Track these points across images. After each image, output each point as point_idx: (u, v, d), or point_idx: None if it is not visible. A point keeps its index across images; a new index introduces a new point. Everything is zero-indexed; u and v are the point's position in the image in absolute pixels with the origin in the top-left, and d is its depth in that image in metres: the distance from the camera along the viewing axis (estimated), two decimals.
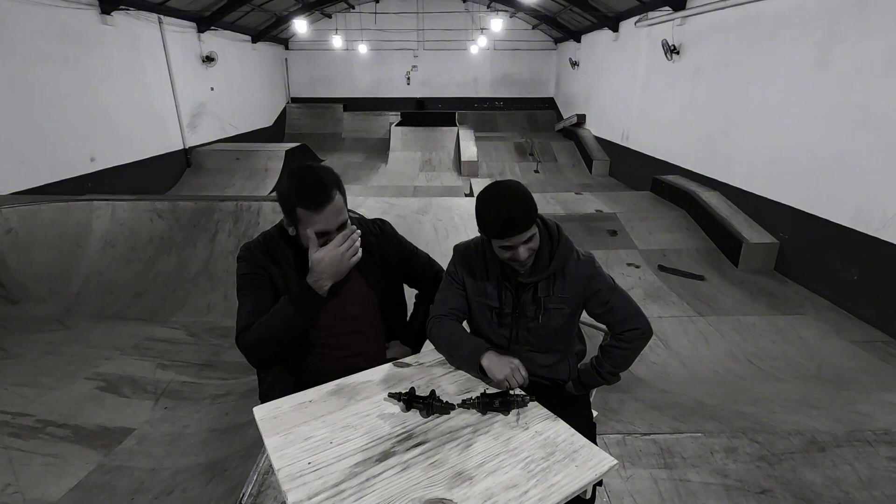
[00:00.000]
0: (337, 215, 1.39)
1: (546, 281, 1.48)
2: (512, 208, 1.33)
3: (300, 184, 1.36)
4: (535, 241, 1.40)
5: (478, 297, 1.55)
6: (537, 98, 15.77)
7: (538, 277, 1.47)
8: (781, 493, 1.90)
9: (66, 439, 2.48)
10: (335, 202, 1.37)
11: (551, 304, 1.49)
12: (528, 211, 1.34)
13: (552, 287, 1.48)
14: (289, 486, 1.02)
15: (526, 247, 1.38)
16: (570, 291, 1.49)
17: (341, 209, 1.40)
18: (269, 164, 9.59)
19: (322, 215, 1.36)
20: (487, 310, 1.55)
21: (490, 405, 1.25)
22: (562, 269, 1.48)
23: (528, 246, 1.38)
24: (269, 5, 11.20)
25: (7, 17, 5.76)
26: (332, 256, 1.40)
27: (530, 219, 1.35)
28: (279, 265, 1.50)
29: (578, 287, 1.49)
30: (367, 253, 1.56)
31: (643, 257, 5.42)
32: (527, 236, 1.36)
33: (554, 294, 1.48)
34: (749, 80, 5.76)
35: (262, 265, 1.50)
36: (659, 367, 3.59)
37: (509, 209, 1.33)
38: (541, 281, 1.47)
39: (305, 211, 1.36)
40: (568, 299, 1.49)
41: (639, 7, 8.53)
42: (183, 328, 3.77)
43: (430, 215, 4.41)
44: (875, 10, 4.10)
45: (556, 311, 1.50)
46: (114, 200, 4.65)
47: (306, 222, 1.37)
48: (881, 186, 4.04)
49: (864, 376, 3.38)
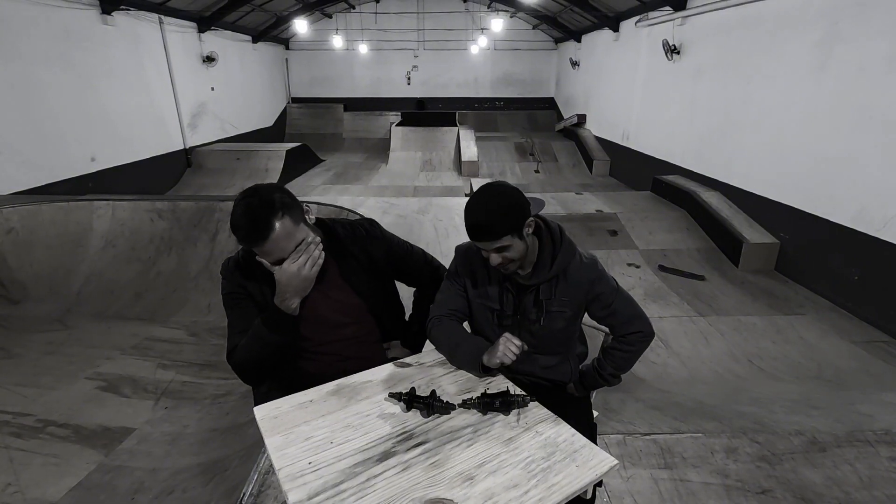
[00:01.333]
0: (283, 242, 1.33)
1: (548, 283, 1.46)
2: (480, 214, 1.31)
3: (239, 219, 1.30)
4: (513, 250, 1.34)
5: (479, 299, 1.54)
6: (538, 98, 15.77)
7: (540, 280, 1.45)
8: (782, 494, 1.90)
9: (67, 439, 2.48)
10: (275, 233, 1.30)
11: (553, 306, 1.47)
12: (497, 220, 1.29)
13: (554, 290, 1.46)
14: (289, 486, 1.02)
15: (496, 255, 1.34)
16: (572, 294, 1.47)
17: (288, 235, 1.33)
18: (269, 164, 9.61)
19: (264, 250, 1.32)
20: (488, 311, 1.53)
21: (491, 405, 1.25)
22: (564, 272, 1.45)
23: (502, 254, 1.34)
24: (270, 5, 11.20)
25: (8, 18, 5.77)
26: (288, 274, 1.36)
27: (498, 227, 1.29)
28: (257, 280, 1.47)
29: (581, 290, 1.47)
30: (350, 258, 1.54)
31: (644, 257, 5.42)
32: (496, 245, 1.32)
33: (556, 297, 1.46)
34: (750, 80, 5.76)
35: (239, 283, 1.48)
36: (659, 367, 3.59)
37: (477, 214, 1.31)
38: (542, 283, 1.46)
39: (249, 246, 1.35)
40: (570, 302, 1.48)
41: (639, 7, 8.53)
42: (183, 328, 3.77)
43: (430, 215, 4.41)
44: (876, 10, 4.10)
45: (557, 314, 1.48)
46: (114, 200, 4.65)
47: (258, 253, 1.35)
48: (882, 186, 4.04)
49: (864, 376, 3.38)
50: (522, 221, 1.34)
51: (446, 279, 1.61)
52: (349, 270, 1.55)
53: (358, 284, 1.56)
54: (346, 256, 1.54)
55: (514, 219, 1.32)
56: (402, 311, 1.75)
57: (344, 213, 4.18)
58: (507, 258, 1.35)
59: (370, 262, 1.58)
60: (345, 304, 1.55)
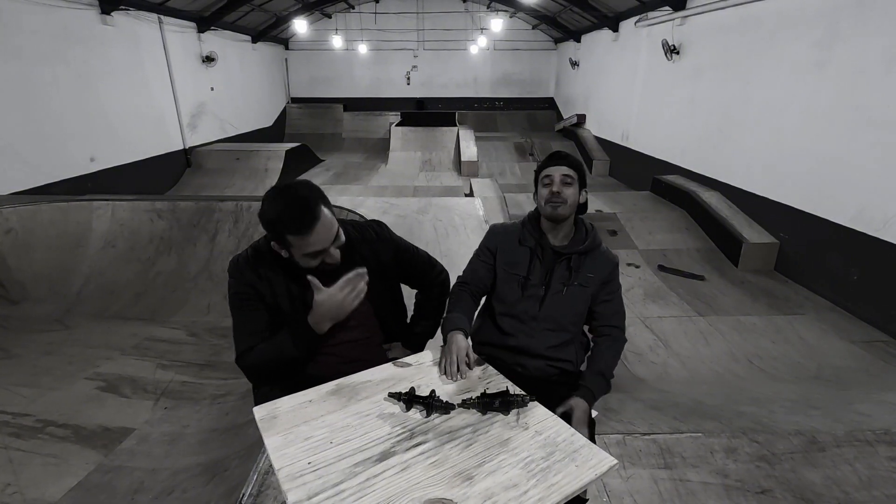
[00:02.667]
0: (328, 231, 1.33)
1: (579, 256, 1.59)
2: (563, 151, 1.66)
3: (284, 209, 1.30)
4: (571, 191, 1.55)
5: (506, 267, 1.64)
6: (537, 98, 15.78)
7: (574, 249, 1.58)
8: (781, 494, 1.90)
9: (67, 439, 2.47)
10: (323, 219, 1.31)
11: (578, 279, 1.58)
12: (573, 156, 1.62)
13: (584, 262, 1.59)
14: (289, 486, 1.02)
15: (560, 182, 1.55)
16: (598, 271, 1.59)
17: (331, 223, 1.35)
18: (269, 165, 9.60)
19: (314, 237, 1.31)
20: (514, 280, 1.62)
21: (490, 405, 1.25)
22: (596, 249, 1.60)
23: (562, 185, 1.55)
24: (269, 5, 11.20)
25: (7, 18, 5.77)
26: (334, 301, 1.36)
27: (574, 161, 1.60)
28: (268, 281, 1.46)
29: (605, 270, 1.60)
30: (359, 260, 1.53)
31: (643, 257, 5.42)
32: (564, 171, 1.56)
33: (583, 270, 1.58)
34: (749, 79, 5.76)
35: (250, 283, 1.45)
36: (659, 366, 3.59)
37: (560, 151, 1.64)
38: (575, 255, 1.58)
39: (297, 237, 1.31)
40: (594, 279, 1.59)
41: (639, 7, 8.53)
42: (183, 328, 3.77)
43: (430, 215, 4.40)
44: (875, 10, 4.10)
45: (580, 290, 1.59)
46: (114, 200, 4.64)
47: (299, 246, 1.33)
48: (881, 186, 4.04)
49: (864, 376, 3.38)
50: (584, 180, 1.61)
51: (475, 255, 1.72)
52: None
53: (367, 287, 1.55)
54: (354, 259, 1.51)
55: (583, 169, 1.61)
56: (405, 314, 1.75)
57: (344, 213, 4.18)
58: (564, 194, 1.53)
59: (378, 265, 1.57)
60: None
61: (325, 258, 1.39)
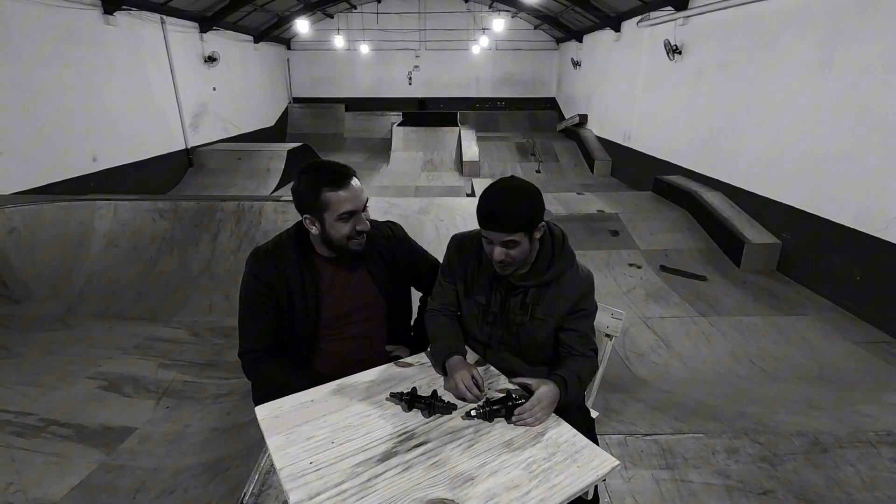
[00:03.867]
0: (361, 193, 1.44)
1: (538, 289, 1.42)
2: (499, 203, 1.29)
3: (320, 170, 1.41)
4: (519, 250, 1.32)
5: (467, 292, 1.53)
6: (539, 98, 15.76)
7: (531, 283, 1.42)
8: (783, 494, 1.90)
9: (69, 438, 2.48)
10: (357, 180, 1.44)
11: (538, 313, 1.43)
12: (515, 214, 1.28)
13: (543, 296, 1.43)
14: (290, 486, 1.02)
15: (502, 249, 1.31)
16: (559, 305, 1.42)
17: (363, 189, 1.46)
18: (270, 164, 9.60)
19: (350, 192, 1.40)
20: (475, 306, 1.51)
21: (497, 413, 1.24)
22: (557, 280, 1.42)
23: (506, 250, 1.31)
24: (272, 5, 11.20)
25: (10, 18, 5.78)
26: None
27: (514, 222, 1.28)
28: (286, 277, 1.46)
29: (569, 301, 1.42)
30: (377, 256, 1.57)
31: (645, 257, 5.41)
32: (506, 238, 1.29)
33: (543, 303, 1.43)
34: (751, 79, 5.75)
35: (266, 281, 1.46)
36: (660, 367, 3.58)
37: (496, 203, 1.29)
38: (533, 288, 1.42)
39: (333, 192, 1.38)
40: (555, 312, 1.43)
41: (641, 7, 8.52)
42: (185, 328, 3.78)
43: (431, 215, 4.40)
44: (878, 10, 4.09)
45: (541, 322, 1.44)
46: (116, 200, 4.66)
47: (335, 204, 1.39)
48: (884, 187, 4.03)
49: (866, 377, 3.37)
50: (536, 223, 1.32)
51: (440, 272, 1.61)
52: (376, 269, 1.58)
53: (382, 282, 1.59)
54: (372, 254, 1.57)
55: (531, 218, 1.30)
56: (410, 317, 1.77)
57: None
58: (510, 256, 1.33)
59: (393, 264, 1.62)
60: (368, 298, 1.58)
61: (357, 224, 1.42)
